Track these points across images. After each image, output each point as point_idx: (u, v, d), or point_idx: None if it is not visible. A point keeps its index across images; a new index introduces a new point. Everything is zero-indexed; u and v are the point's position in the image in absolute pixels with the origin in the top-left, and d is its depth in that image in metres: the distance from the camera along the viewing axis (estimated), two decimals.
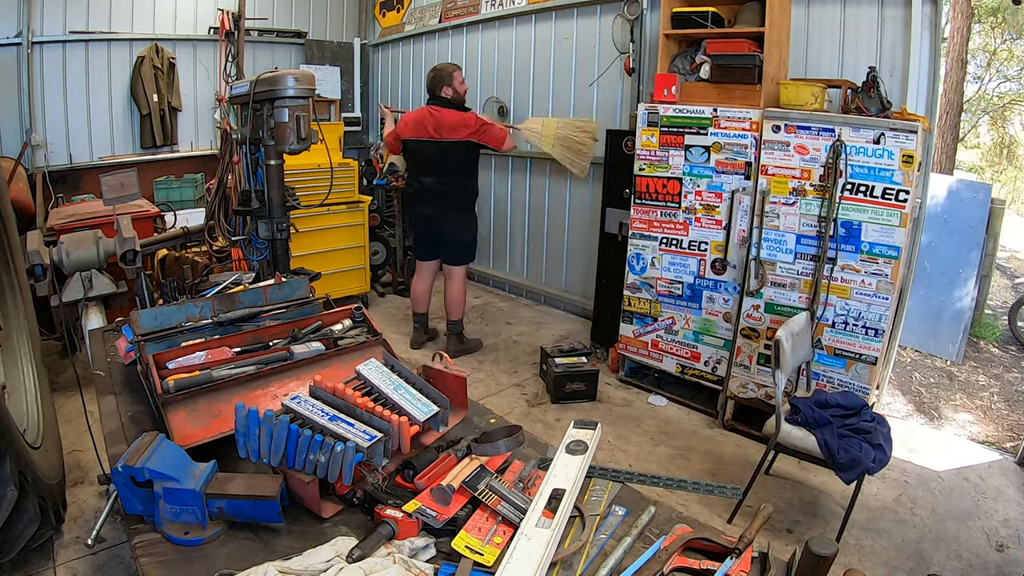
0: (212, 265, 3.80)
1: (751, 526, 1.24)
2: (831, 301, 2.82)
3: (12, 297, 2.45)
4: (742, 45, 3.00)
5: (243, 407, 1.31)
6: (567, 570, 1.19)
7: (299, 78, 3.16)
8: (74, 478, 2.60)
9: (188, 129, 5.62)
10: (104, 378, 1.94)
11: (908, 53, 3.06)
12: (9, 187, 3.21)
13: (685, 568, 1.18)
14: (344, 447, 1.29)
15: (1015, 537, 2.32)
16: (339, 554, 1.17)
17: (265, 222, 3.39)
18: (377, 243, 5.43)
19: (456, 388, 1.71)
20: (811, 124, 2.76)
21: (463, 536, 1.23)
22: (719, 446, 3.10)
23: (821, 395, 2.50)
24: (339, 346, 1.89)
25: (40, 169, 4.74)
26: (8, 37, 4.64)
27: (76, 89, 5.03)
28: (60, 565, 2.15)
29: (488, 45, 5.29)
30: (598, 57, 4.40)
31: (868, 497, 2.63)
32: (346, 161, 4.88)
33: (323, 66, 5.99)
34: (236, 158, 3.47)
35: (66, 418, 2.94)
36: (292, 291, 2.19)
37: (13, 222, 2.47)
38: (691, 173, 3.20)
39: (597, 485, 1.46)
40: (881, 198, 2.64)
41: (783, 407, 2.35)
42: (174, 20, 5.40)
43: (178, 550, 1.22)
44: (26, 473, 1.81)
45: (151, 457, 1.25)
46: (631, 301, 3.56)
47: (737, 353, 3.16)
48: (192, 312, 1.96)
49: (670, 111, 3.20)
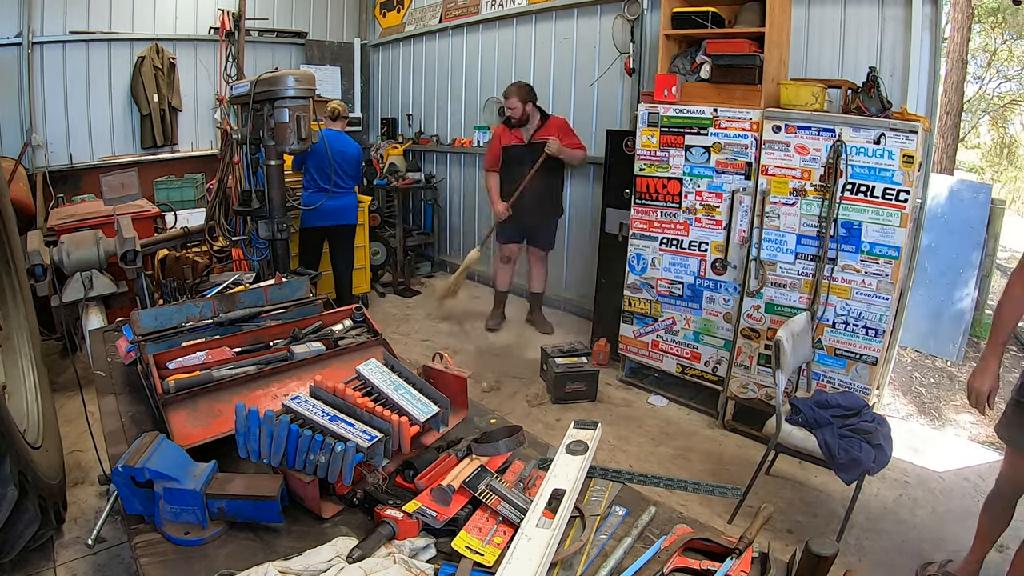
0: (212, 265, 3.81)
1: (751, 526, 1.24)
2: (831, 301, 2.82)
3: (12, 297, 2.45)
4: (742, 45, 3.00)
5: (243, 407, 1.31)
6: (567, 570, 1.19)
7: (299, 78, 3.17)
8: (74, 478, 2.60)
9: (188, 129, 5.62)
10: (104, 378, 1.94)
11: (908, 53, 3.05)
12: (9, 187, 3.21)
13: (685, 568, 1.18)
14: (344, 447, 1.28)
15: (1015, 537, 2.32)
16: (339, 554, 1.17)
17: (265, 222, 3.39)
18: (377, 243, 5.43)
19: (456, 388, 1.70)
20: (811, 124, 2.76)
21: (463, 536, 1.23)
22: (719, 446, 3.09)
23: (821, 395, 2.50)
24: (339, 346, 1.89)
25: (40, 169, 4.74)
26: (8, 37, 4.65)
27: (76, 89, 5.03)
28: (60, 565, 2.15)
29: (488, 45, 5.29)
30: (598, 57, 4.40)
31: (868, 497, 2.63)
32: None
33: (323, 66, 6.00)
34: (236, 158, 3.48)
35: (66, 418, 2.94)
36: (292, 291, 2.19)
37: (13, 222, 2.46)
38: (691, 173, 3.20)
39: (597, 485, 1.46)
40: (881, 198, 2.63)
41: (783, 407, 2.35)
42: (174, 20, 5.40)
43: (178, 550, 1.22)
44: (26, 473, 1.81)
45: (151, 457, 1.25)
46: (631, 301, 3.56)
47: (737, 353, 3.15)
48: (192, 312, 1.96)
49: (670, 111, 3.20)
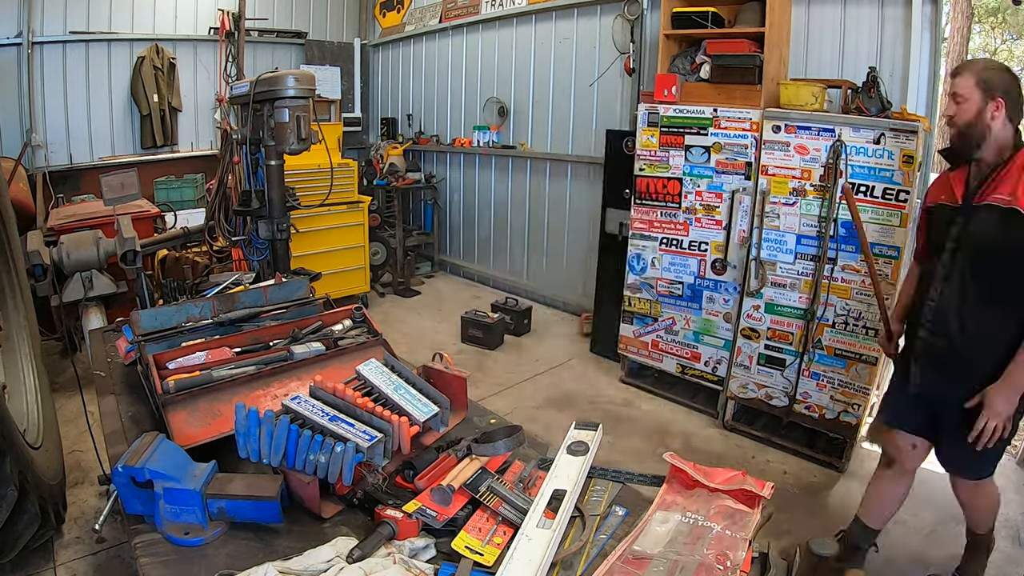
0: (212, 265, 3.81)
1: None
2: (831, 301, 2.82)
3: (12, 297, 2.45)
4: (742, 45, 3.00)
5: (243, 407, 1.31)
6: (567, 570, 1.19)
7: (299, 78, 3.16)
8: (74, 478, 2.60)
9: (188, 129, 5.62)
10: (104, 378, 1.94)
11: (908, 53, 3.05)
12: (9, 187, 3.20)
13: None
14: (344, 447, 1.28)
15: (1015, 537, 2.32)
16: (339, 554, 1.17)
17: (265, 222, 3.39)
18: (377, 243, 5.43)
19: (456, 388, 1.70)
20: (811, 124, 2.76)
21: (463, 536, 1.23)
22: (719, 446, 3.09)
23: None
24: (339, 346, 1.89)
25: (40, 169, 4.73)
26: (8, 37, 4.64)
27: (76, 89, 5.03)
28: (60, 565, 2.15)
29: (488, 45, 5.29)
30: (598, 57, 4.40)
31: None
32: (346, 161, 4.89)
33: (323, 66, 6.00)
34: (236, 158, 3.48)
35: (66, 418, 2.94)
36: (292, 291, 2.19)
37: (13, 222, 2.46)
38: (691, 173, 3.20)
39: (597, 485, 1.46)
40: (881, 198, 2.63)
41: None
42: (174, 20, 5.40)
43: (178, 550, 1.22)
44: (26, 473, 1.81)
45: (151, 457, 1.25)
46: (631, 301, 3.56)
47: (737, 353, 3.15)
48: (192, 312, 1.96)
49: (670, 111, 3.20)
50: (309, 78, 3.24)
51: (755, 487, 1.33)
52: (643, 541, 1.23)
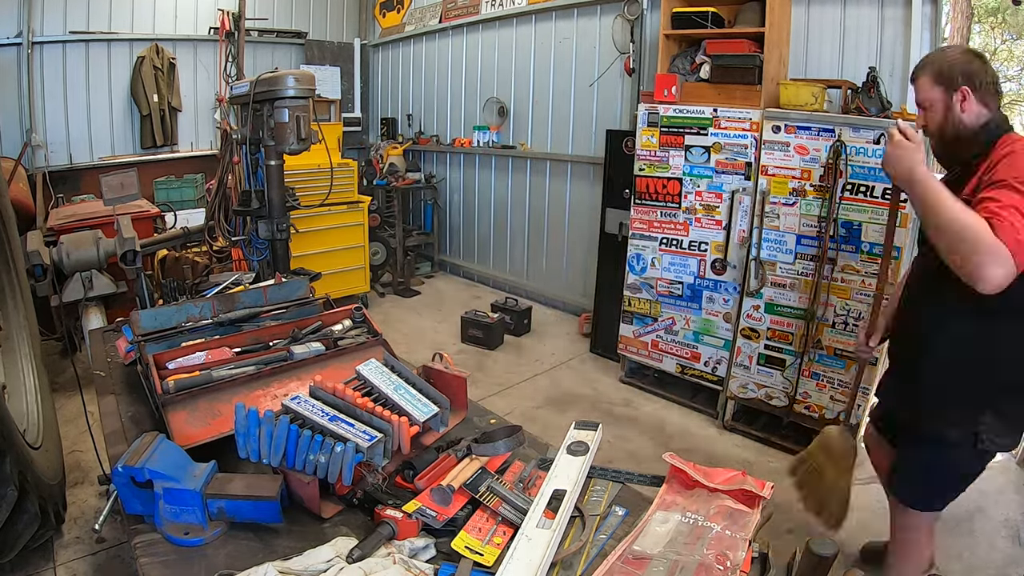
0: (212, 265, 3.81)
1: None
2: (831, 301, 2.82)
3: (12, 297, 2.45)
4: (742, 45, 3.00)
5: (243, 407, 1.31)
6: (567, 570, 1.19)
7: (299, 78, 3.16)
8: (74, 478, 2.60)
9: (188, 129, 5.62)
10: (104, 378, 1.94)
11: (908, 53, 3.05)
12: (9, 187, 3.21)
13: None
14: (344, 447, 1.28)
15: (1015, 537, 2.32)
16: (339, 554, 1.17)
17: (265, 222, 3.39)
18: (377, 243, 5.44)
19: (456, 388, 1.70)
20: (811, 124, 2.76)
21: (463, 536, 1.23)
22: (719, 446, 3.10)
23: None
24: (339, 346, 1.89)
25: (40, 169, 4.73)
26: (8, 37, 4.64)
27: (76, 89, 5.03)
28: (60, 565, 2.15)
29: (488, 45, 5.29)
30: (598, 57, 4.40)
31: (869, 499, 2.62)
32: (346, 161, 4.89)
33: (323, 66, 6.00)
34: (236, 158, 3.48)
35: (66, 418, 2.94)
36: (292, 291, 2.19)
37: (13, 222, 2.46)
38: (691, 173, 3.20)
39: (597, 485, 1.46)
40: (881, 198, 2.63)
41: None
42: (174, 20, 5.40)
43: (178, 550, 1.22)
44: (26, 473, 1.81)
45: (151, 457, 1.25)
46: (631, 301, 3.56)
47: (737, 353, 3.15)
48: (192, 312, 1.96)
49: (670, 111, 3.20)
50: (309, 78, 3.24)
51: (755, 487, 1.33)
52: (643, 541, 1.23)
